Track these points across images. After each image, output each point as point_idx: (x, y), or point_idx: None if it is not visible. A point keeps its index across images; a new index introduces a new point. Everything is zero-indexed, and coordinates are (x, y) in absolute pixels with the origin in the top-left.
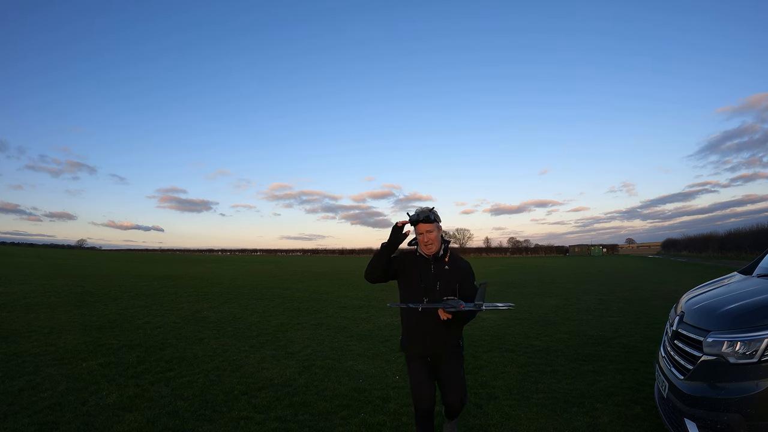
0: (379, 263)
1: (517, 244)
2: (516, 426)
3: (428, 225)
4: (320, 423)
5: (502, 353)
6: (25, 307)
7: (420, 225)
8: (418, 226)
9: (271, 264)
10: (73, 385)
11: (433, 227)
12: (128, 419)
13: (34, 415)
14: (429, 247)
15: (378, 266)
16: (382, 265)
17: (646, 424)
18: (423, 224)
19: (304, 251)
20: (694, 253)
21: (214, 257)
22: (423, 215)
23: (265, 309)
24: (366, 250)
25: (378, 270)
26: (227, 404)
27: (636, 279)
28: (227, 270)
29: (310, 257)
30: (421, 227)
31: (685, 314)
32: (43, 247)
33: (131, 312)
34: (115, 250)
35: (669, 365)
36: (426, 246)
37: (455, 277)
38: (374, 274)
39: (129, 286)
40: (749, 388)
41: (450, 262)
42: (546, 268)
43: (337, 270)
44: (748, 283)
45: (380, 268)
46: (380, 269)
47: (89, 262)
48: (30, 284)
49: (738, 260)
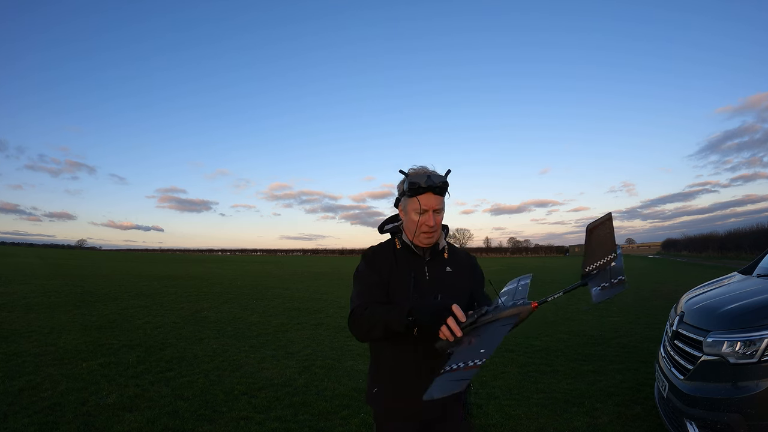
0: (378, 334)
1: (517, 244)
2: (516, 426)
3: (438, 198)
4: (320, 423)
5: (502, 353)
6: (25, 307)
7: (425, 196)
8: (422, 198)
9: (271, 264)
10: (73, 385)
11: (443, 203)
12: (128, 419)
13: (34, 415)
14: (430, 235)
15: (377, 336)
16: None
17: (646, 424)
18: (432, 195)
19: (304, 251)
20: (694, 253)
21: (214, 257)
22: (437, 180)
23: (265, 309)
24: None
25: (377, 336)
26: (227, 404)
27: (636, 279)
28: (227, 270)
29: (310, 257)
30: (427, 200)
31: (685, 314)
32: (43, 247)
33: (131, 312)
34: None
35: (669, 365)
36: (426, 234)
37: (462, 282)
38: (367, 339)
39: (129, 286)
40: (749, 388)
41: (451, 258)
42: (546, 268)
43: (337, 270)
44: (748, 283)
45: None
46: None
47: (89, 262)
48: (30, 284)
49: (738, 260)
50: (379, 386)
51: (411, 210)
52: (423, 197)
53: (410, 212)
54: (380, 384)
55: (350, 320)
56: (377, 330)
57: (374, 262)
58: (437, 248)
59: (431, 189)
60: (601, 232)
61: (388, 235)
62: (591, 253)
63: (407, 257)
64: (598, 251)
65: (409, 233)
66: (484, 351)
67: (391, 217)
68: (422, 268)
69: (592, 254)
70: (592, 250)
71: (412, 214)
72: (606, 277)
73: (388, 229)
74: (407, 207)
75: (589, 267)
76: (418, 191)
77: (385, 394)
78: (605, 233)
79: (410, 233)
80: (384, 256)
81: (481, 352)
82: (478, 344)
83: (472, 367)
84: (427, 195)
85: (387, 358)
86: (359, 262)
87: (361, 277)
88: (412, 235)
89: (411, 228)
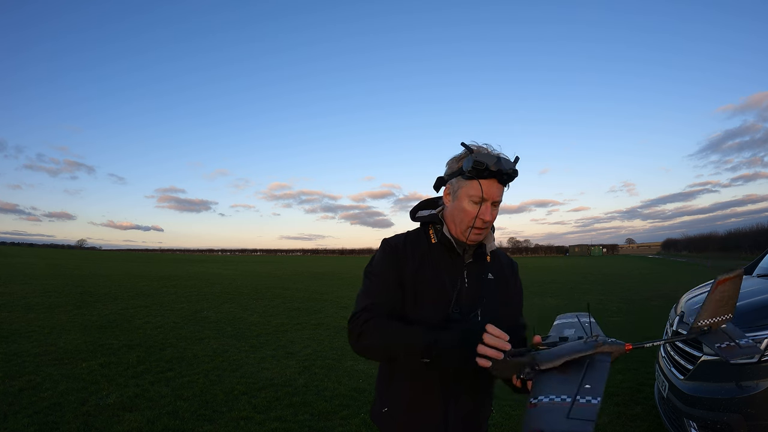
0: (379, 357)
1: (517, 244)
2: (516, 426)
3: (501, 189)
4: (320, 423)
5: None
6: (25, 307)
7: (489, 182)
8: (485, 184)
9: (271, 264)
10: (73, 385)
11: (502, 195)
12: (128, 419)
13: (34, 415)
14: (482, 232)
15: (376, 358)
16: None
17: (646, 424)
18: (496, 183)
19: (304, 251)
20: (694, 253)
21: (214, 257)
22: (507, 166)
23: (265, 309)
24: (366, 250)
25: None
26: (227, 404)
27: (636, 279)
28: (227, 270)
29: (310, 257)
30: (490, 188)
31: (685, 314)
32: (43, 247)
33: (131, 312)
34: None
35: (669, 365)
36: (478, 230)
37: (505, 294)
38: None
39: (129, 286)
40: (749, 388)
41: (494, 263)
42: (546, 268)
43: (337, 270)
44: (748, 283)
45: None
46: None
47: (89, 262)
48: (30, 284)
49: (738, 260)
50: (390, 405)
51: (465, 196)
52: (486, 183)
53: (463, 198)
54: (393, 403)
55: (350, 324)
56: (380, 353)
57: (397, 255)
58: (482, 249)
59: (498, 175)
60: (727, 289)
61: (417, 224)
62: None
63: (444, 256)
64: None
65: (455, 225)
66: (591, 387)
67: (425, 202)
68: (461, 272)
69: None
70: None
71: (466, 201)
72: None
73: (422, 216)
74: (460, 191)
75: (702, 321)
76: (483, 174)
77: (398, 418)
78: (730, 292)
79: (456, 225)
80: (413, 250)
81: (587, 388)
82: (576, 377)
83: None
84: (491, 181)
85: (403, 371)
86: (375, 253)
87: (374, 273)
88: (458, 228)
89: (460, 219)
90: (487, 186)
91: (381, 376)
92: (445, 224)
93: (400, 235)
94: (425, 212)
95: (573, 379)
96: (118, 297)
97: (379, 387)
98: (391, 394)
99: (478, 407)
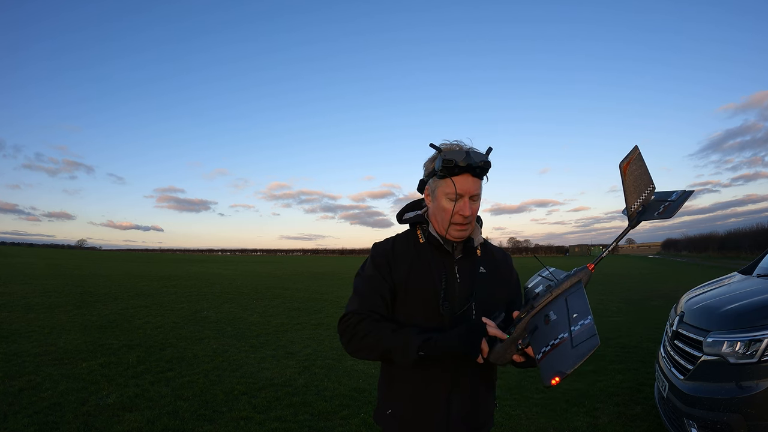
0: (372, 358)
1: (517, 244)
2: (516, 426)
3: (477, 182)
4: (320, 423)
5: None
6: (25, 307)
7: (462, 178)
8: (458, 180)
9: (271, 264)
10: (73, 385)
11: (481, 189)
12: (128, 419)
13: (34, 415)
14: (464, 227)
15: (370, 359)
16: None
17: (646, 424)
18: (469, 178)
19: (303, 251)
20: (694, 253)
21: (214, 257)
22: (477, 159)
23: (265, 309)
24: (366, 250)
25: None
26: (227, 404)
27: (636, 279)
28: (227, 270)
29: (310, 257)
30: (464, 183)
31: (685, 314)
32: (42, 247)
33: (131, 312)
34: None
35: (669, 365)
36: (459, 226)
37: (499, 287)
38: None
39: (129, 286)
40: (749, 388)
41: (485, 257)
42: None
43: (337, 270)
44: (748, 283)
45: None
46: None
47: (89, 262)
48: (30, 284)
49: (738, 260)
50: (394, 407)
51: (442, 194)
52: (459, 179)
53: (441, 197)
54: (397, 404)
55: (340, 326)
56: (373, 353)
57: (386, 260)
58: (470, 244)
59: (470, 169)
60: (635, 169)
61: (407, 226)
62: (631, 191)
63: (433, 254)
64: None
65: (438, 224)
66: (578, 314)
67: (411, 204)
68: (452, 267)
69: (633, 191)
70: (631, 187)
71: (443, 199)
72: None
73: (408, 218)
74: (437, 191)
75: (634, 205)
76: (454, 171)
77: (402, 419)
78: (639, 168)
79: (439, 224)
80: (402, 252)
81: (575, 316)
82: (562, 315)
83: (586, 326)
84: (464, 177)
85: (404, 371)
86: (366, 258)
87: (363, 278)
88: (441, 226)
89: (440, 217)
90: (460, 182)
91: (383, 377)
92: (431, 223)
93: (389, 239)
94: (411, 214)
95: (561, 318)
96: (118, 297)
97: (381, 389)
98: (394, 396)
99: (483, 402)
